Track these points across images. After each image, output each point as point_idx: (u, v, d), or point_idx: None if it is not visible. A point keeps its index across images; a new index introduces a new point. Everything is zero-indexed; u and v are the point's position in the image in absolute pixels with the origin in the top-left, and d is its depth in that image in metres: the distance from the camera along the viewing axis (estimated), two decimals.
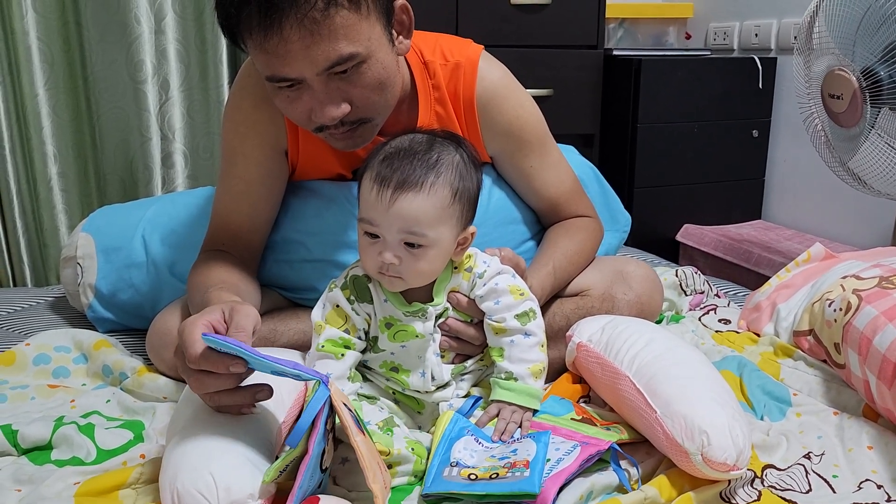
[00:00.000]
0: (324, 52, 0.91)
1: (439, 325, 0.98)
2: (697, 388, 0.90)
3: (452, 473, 0.83)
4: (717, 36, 2.49)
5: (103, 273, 1.31)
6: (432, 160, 0.91)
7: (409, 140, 0.94)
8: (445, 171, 0.91)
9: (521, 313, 0.97)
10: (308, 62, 0.92)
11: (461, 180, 0.92)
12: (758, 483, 0.88)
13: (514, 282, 0.99)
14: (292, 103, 0.98)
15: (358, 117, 1.00)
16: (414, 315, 0.96)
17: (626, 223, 1.55)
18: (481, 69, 1.16)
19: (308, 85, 0.95)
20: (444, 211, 0.90)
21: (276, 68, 0.93)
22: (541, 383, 0.98)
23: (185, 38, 1.93)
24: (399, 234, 0.89)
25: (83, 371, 1.19)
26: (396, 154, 0.91)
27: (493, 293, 0.97)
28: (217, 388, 0.79)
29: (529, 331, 0.97)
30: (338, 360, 0.94)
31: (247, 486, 0.72)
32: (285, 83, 0.95)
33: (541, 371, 0.98)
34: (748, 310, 1.35)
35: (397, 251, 0.90)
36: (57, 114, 1.87)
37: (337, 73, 0.94)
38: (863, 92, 1.46)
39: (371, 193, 0.89)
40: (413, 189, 0.88)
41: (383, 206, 0.88)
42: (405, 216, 0.88)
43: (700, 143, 2.28)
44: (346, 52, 0.92)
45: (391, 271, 0.91)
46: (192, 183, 2.02)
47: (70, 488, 0.85)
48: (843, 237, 2.15)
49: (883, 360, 0.95)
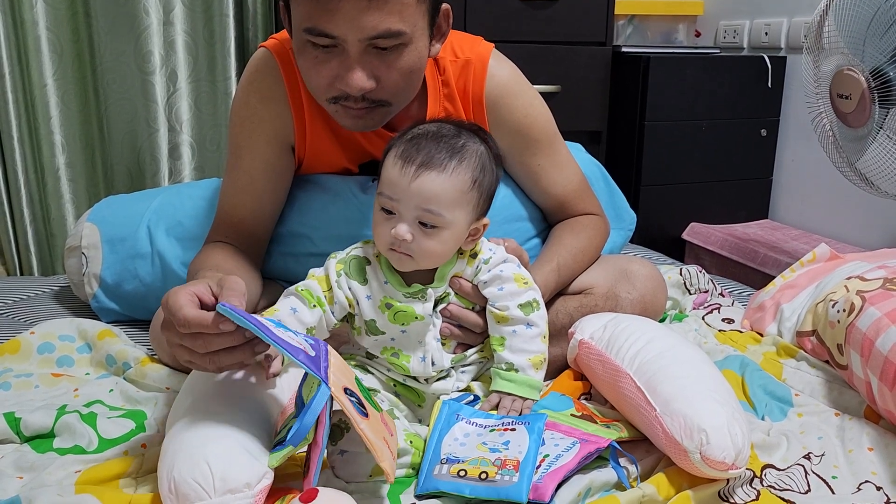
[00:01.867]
0: (375, 20, 0.92)
1: (440, 311, 0.99)
2: (698, 387, 0.89)
3: (442, 472, 0.83)
4: (726, 34, 2.47)
5: (108, 263, 1.32)
6: (458, 146, 0.93)
7: (438, 126, 0.96)
8: (469, 157, 0.93)
9: (524, 303, 0.97)
10: (356, 25, 0.92)
11: (482, 170, 0.95)
12: (757, 483, 0.87)
13: (519, 271, 1.00)
14: (320, 64, 0.98)
15: (379, 98, 1.00)
16: (413, 296, 0.97)
17: (632, 221, 1.54)
18: (491, 67, 1.16)
19: (344, 49, 0.95)
20: (462, 195, 0.93)
21: (322, 22, 0.93)
22: (541, 375, 0.98)
23: (194, 29, 1.94)
24: (415, 211, 0.91)
25: (87, 360, 1.20)
26: (424, 135, 0.94)
27: (496, 279, 0.98)
28: (218, 346, 0.78)
29: (532, 321, 0.97)
30: (308, 309, 0.94)
31: (243, 474, 0.73)
32: (323, 39, 0.95)
33: (541, 362, 0.98)
34: (752, 309, 1.34)
35: (412, 227, 0.92)
36: (65, 104, 1.88)
37: (378, 46, 0.95)
38: (871, 92, 1.45)
39: (394, 169, 0.92)
40: (436, 169, 0.91)
41: (405, 181, 0.90)
42: (424, 193, 0.90)
43: (708, 141, 2.27)
44: (395, 28, 0.94)
45: (402, 248, 0.92)
46: (199, 174, 2.03)
47: (71, 476, 0.85)
48: (851, 238, 2.14)
49: (885, 361, 0.94)
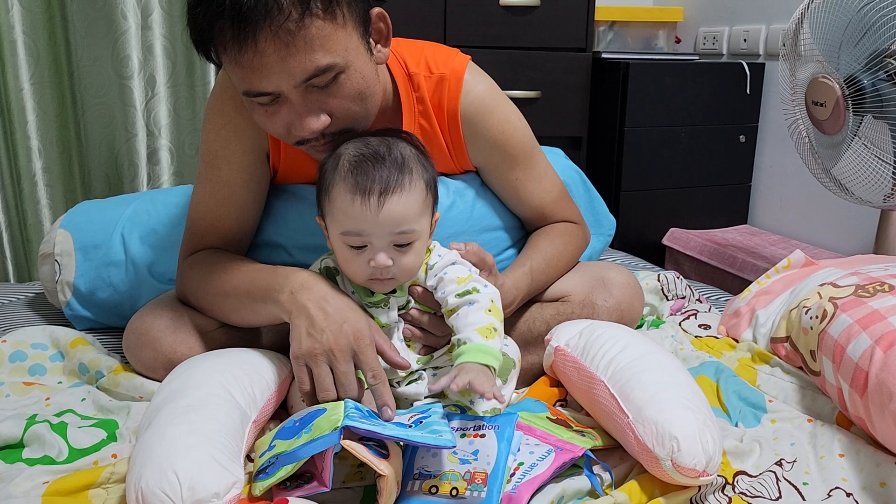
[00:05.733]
0: (300, 63, 0.90)
1: (402, 316, 1.01)
2: (670, 395, 0.90)
3: (414, 488, 0.83)
4: (706, 41, 2.49)
5: (81, 271, 1.31)
6: (399, 159, 0.93)
7: (365, 145, 0.95)
8: (414, 166, 0.94)
9: (461, 292, 0.97)
10: (285, 75, 0.90)
11: (425, 170, 0.96)
12: (728, 489, 0.88)
13: (461, 273, 0.98)
14: (271, 118, 0.97)
15: (338, 128, 0.99)
16: (376, 306, 0.99)
17: (611, 227, 1.55)
18: (466, 82, 1.14)
19: (286, 98, 0.94)
20: (423, 203, 0.95)
21: (253, 82, 0.92)
22: (495, 343, 0.92)
23: (172, 34, 1.93)
24: (388, 237, 0.92)
25: (59, 369, 1.19)
26: (364, 161, 0.92)
27: (440, 283, 0.99)
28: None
29: (472, 300, 0.96)
30: None
31: (211, 485, 0.72)
32: (263, 98, 0.94)
33: (490, 331, 0.93)
34: (728, 315, 1.35)
35: (389, 253, 0.92)
36: (42, 108, 1.86)
37: (315, 85, 0.93)
38: (846, 100, 1.46)
39: (354, 205, 0.91)
40: (397, 191, 0.91)
41: (371, 214, 0.90)
42: (395, 218, 0.91)
43: (687, 147, 2.28)
44: (322, 64, 0.91)
45: (385, 274, 0.93)
46: (177, 180, 2.02)
47: (39, 487, 0.84)
48: (828, 243, 2.16)
49: (856, 368, 0.95)
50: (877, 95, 1.42)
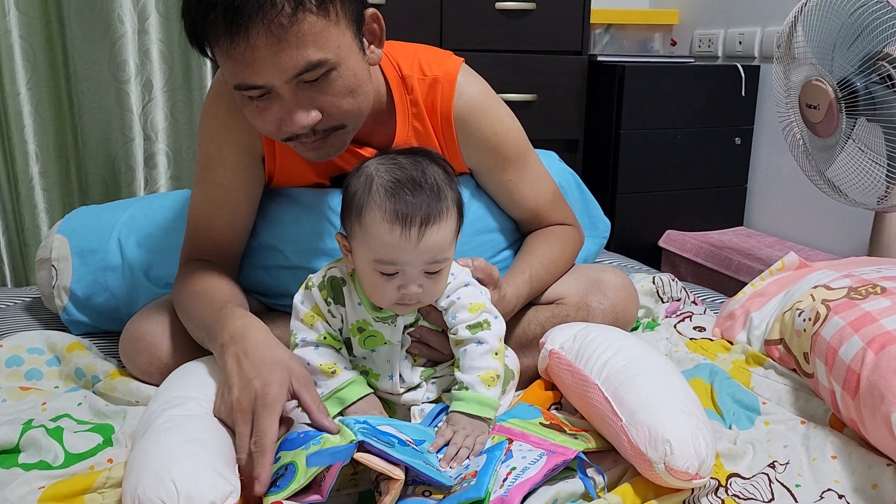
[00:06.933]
0: (292, 58, 0.90)
1: (409, 333, 0.99)
2: (663, 398, 0.90)
3: (408, 492, 0.83)
4: (701, 43, 2.50)
5: (78, 276, 1.31)
6: (435, 186, 0.90)
7: (398, 168, 0.91)
8: (447, 192, 0.91)
9: (473, 324, 0.96)
10: (276, 69, 0.91)
11: (455, 194, 0.94)
12: (722, 492, 0.88)
13: (476, 299, 0.98)
14: (261, 113, 0.97)
15: (329, 125, 0.99)
16: (383, 321, 0.97)
17: (606, 229, 1.56)
18: (460, 84, 1.14)
19: (277, 93, 0.94)
20: (455, 230, 0.94)
21: (244, 76, 0.92)
22: (494, 392, 0.95)
23: (169, 38, 1.93)
24: (423, 266, 0.90)
25: (56, 373, 1.19)
26: (401, 188, 0.88)
27: (452, 306, 0.97)
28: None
29: (481, 339, 0.96)
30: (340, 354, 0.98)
31: (208, 493, 0.73)
32: (254, 91, 0.94)
33: (493, 379, 0.95)
34: (722, 318, 1.36)
35: (419, 281, 0.91)
36: (39, 113, 1.86)
37: (306, 80, 0.93)
38: (839, 102, 1.47)
39: (393, 235, 0.87)
40: (437, 221, 0.89)
41: (411, 244, 0.88)
42: (432, 248, 0.89)
43: (683, 149, 2.29)
44: (314, 59, 0.91)
45: (413, 300, 0.92)
46: (174, 184, 2.02)
47: (35, 492, 0.84)
48: (824, 245, 2.17)
49: (848, 370, 0.96)
50: (870, 98, 1.43)
